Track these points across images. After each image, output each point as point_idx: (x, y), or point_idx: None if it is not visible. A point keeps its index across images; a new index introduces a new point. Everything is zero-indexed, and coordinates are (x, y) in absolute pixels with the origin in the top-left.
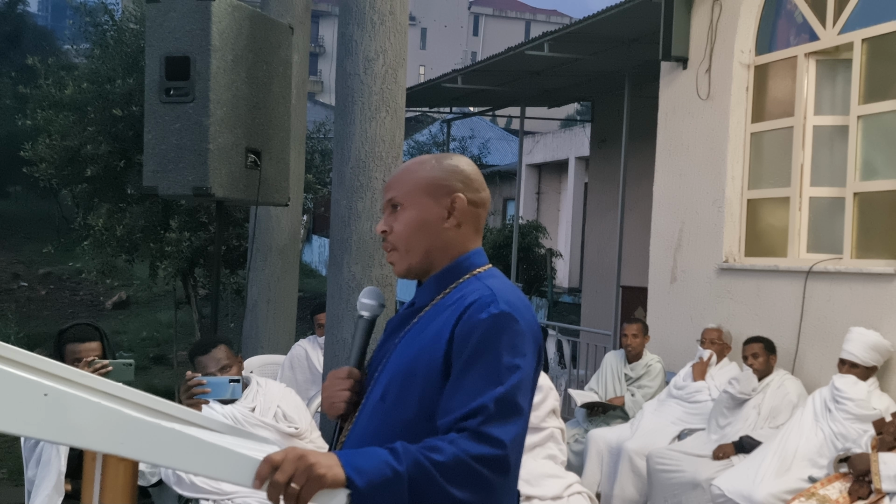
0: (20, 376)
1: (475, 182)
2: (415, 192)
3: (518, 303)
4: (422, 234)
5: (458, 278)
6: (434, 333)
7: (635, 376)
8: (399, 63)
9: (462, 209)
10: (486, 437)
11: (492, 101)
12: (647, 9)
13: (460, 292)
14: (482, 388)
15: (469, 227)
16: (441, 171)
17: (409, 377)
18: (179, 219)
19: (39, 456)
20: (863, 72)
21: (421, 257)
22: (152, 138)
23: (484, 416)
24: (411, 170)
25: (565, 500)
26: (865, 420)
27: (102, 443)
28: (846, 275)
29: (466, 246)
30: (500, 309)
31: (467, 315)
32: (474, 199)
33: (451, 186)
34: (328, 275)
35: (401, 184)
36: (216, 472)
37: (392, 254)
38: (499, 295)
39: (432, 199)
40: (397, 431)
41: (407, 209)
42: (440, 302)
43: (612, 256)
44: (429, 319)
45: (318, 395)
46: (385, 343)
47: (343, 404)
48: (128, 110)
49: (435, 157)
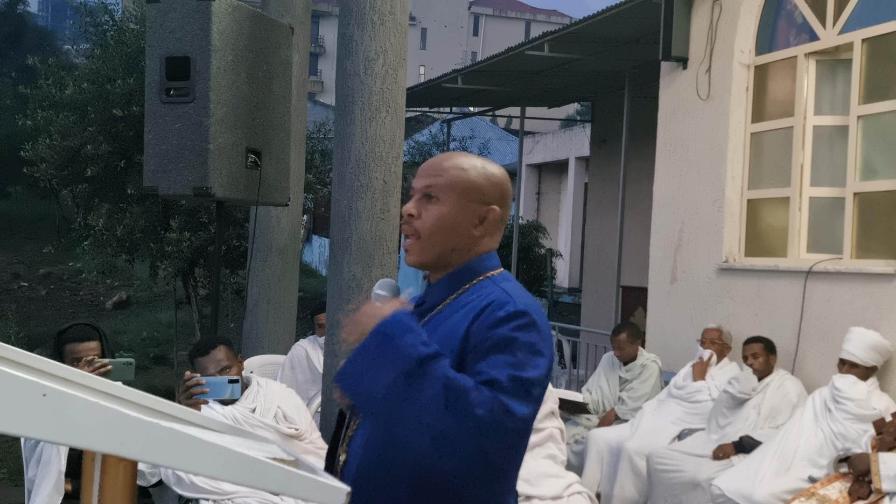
0: (19, 376)
1: (507, 196)
2: (455, 190)
3: (534, 305)
4: (449, 233)
5: (471, 279)
6: (448, 332)
7: (631, 378)
8: (399, 63)
9: (493, 222)
10: (504, 405)
11: (492, 101)
12: (647, 9)
13: (475, 294)
14: (504, 368)
15: (493, 235)
16: (485, 180)
17: None
18: (180, 219)
19: (39, 456)
20: (863, 72)
21: (440, 254)
22: (152, 138)
23: (498, 388)
24: (457, 166)
25: (565, 500)
26: (865, 420)
27: (102, 443)
28: (846, 275)
29: (485, 249)
30: (518, 307)
31: (485, 314)
32: (504, 212)
33: (490, 198)
34: (328, 275)
35: (444, 177)
36: (216, 472)
37: (412, 240)
38: (515, 298)
39: (469, 203)
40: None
41: (442, 204)
42: (453, 302)
43: (612, 256)
44: (442, 318)
45: (319, 395)
46: None
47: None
48: (128, 110)
49: (480, 160)
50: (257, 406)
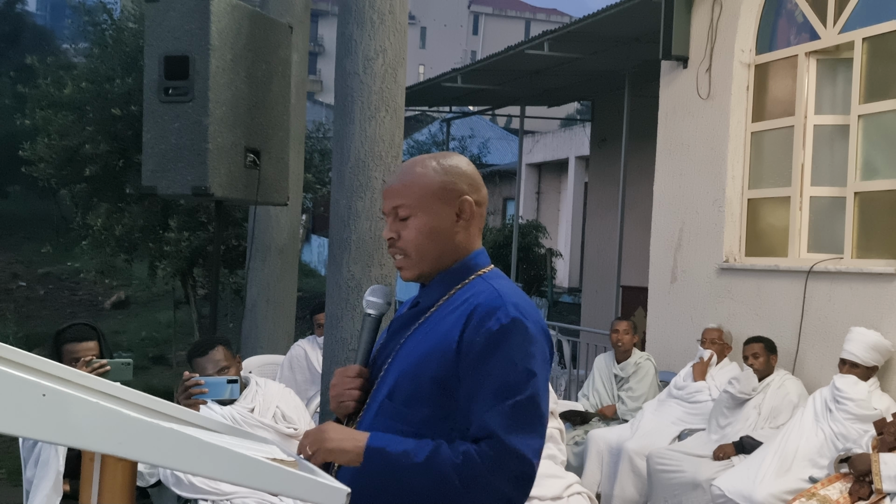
0: (18, 376)
1: (476, 181)
2: (424, 199)
3: (525, 305)
4: (434, 240)
5: (464, 278)
6: (442, 335)
7: (625, 376)
8: (398, 62)
9: (470, 211)
10: (510, 451)
11: (491, 101)
12: (647, 8)
13: (467, 293)
14: (501, 402)
15: (475, 227)
16: (446, 175)
17: (418, 377)
18: (178, 218)
19: (38, 456)
20: (863, 71)
21: (433, 263)
22: (151, 138)
23: (505, 431)
24: (416, 175)
25: (565, 500)
26: (866, 420)
27: (101, 443)
28: (847, 275)
29: (472, 246)
30: (510, 316)
31: (477, 320)
32: (478, 199)
33: (458, 189)
34: (327, 274)
35: (407, 191)
36: (215, 473)
37: (402, 259)
38: (506, 298)
39: (441, 204)
40: (413, 429)
41: (417, 217)
42: (447, 302)
43: (612, 256)
44: (437, 320)
45: (318, 395)
46: (389, 342)
47: (353, 403)
48: (127, 110)
49: (434, 159)
50: (256, 406)
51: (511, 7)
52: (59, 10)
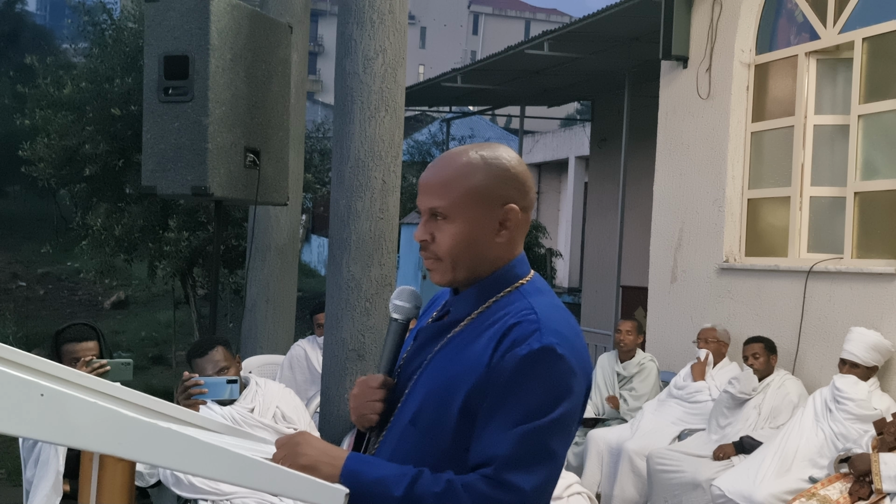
0: (17, 376)
1: (525, 184)
2: (464, 203)
3: (565, 330)
4: (471, 249)
5: (499, 291)
6: (474, 358)
7: (628, 375)
8: (398, 62)
9: (515, 220)
10: (505, 484)
11: (491, 101)
12: (647, 8)
13: (502, 309)
14: (509, 430)
15: (518, 236)
16: (493, 179)
17: (444, 404)
18: (178, 218)
19: (38, 456)
20: (863, 71)
21: (467, 272)
22: (151, 138)
23: (504, 461)
24: (458, 174)
25: (565, 500)
26: (866, 420)
27: (100, 443)
28: (847, 275)
29: (512, 253)
30: (543, 343)
31: (508, 344)
32: (525, 206)
33: (505, 196)
34: (327, 274)
35: (446, 192)
36: (214, 473)
37: (433, 263)
38: (543, 321)
39: (483, 211)
40: (433, 461)
41: (455, 221)
42: (479, 317)
43: (612, 256)
44: (468, 338)
45: (318, 395)
46: (416, 356)
47: (376, 416)
48: (126, 110)
49: (482, 157)
50: (256, 406)
51: (511, 7)
52: (58, 9)
